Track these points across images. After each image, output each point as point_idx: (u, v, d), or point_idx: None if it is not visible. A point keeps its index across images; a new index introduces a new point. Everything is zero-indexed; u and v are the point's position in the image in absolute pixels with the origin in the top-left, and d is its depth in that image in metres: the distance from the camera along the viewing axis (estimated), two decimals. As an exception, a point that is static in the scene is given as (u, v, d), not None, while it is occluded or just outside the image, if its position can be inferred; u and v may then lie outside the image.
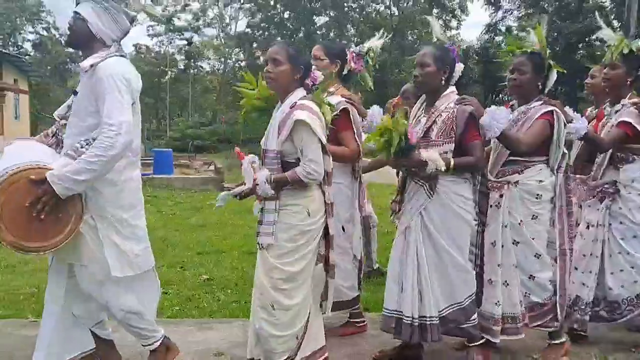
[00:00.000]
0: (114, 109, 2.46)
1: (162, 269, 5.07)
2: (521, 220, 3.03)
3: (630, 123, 3.31)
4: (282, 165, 2.71)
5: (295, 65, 2.73)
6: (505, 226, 3.03)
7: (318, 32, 30.09)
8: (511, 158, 3.05)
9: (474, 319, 2.97)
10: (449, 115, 2.88)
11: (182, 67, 41.15)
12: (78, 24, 2.62)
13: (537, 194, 3.03)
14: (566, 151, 3.15)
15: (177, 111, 44.43)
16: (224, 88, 36.67)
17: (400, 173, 3.24)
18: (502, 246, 3.03)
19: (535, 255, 3.06)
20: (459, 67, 3.03)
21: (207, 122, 35.55)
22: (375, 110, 3.24)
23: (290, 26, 30.64)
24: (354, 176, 3.46)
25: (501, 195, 3.03)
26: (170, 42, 39.98)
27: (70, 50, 33.92)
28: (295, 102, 2.70)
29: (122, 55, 2.64)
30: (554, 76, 3.16)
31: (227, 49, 38.81)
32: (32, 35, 32.27)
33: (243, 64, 35.72)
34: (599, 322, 3.49)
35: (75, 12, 2.61)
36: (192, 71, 41.27)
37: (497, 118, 2.82)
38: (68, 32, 2.70)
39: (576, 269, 3.40)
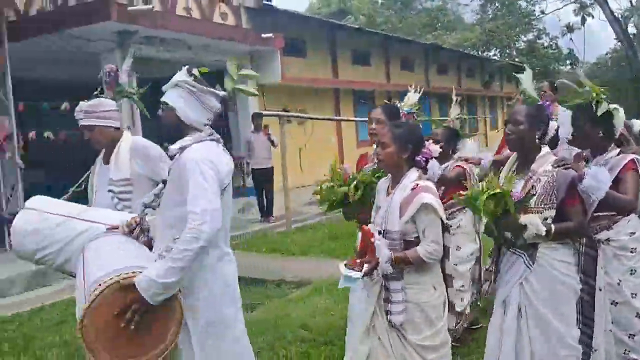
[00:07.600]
0: (197, 195, 2.23)
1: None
2: (620, 280, 2.97)
3: None
4: (403, 243, 2.70)
5: (402, 145, 2.74)
6: (600, 289, 2.92)
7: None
8: (596, 214, 2.93)
9: None
10: (548, 179, 2.67)
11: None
12: (167, 114, 2.45)
13: (632, 248, 2.98)
14: None
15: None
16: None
17: (493, 242, 2.93)
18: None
19: (636, 316, 2.97)
20: (552, 125, 2.89)
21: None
22: (431, 146, 3.29)
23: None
24: None
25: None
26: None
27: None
28: (418, 184, 2.70)
29: (214, 140, 2.47)
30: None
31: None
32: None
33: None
34: None
35: (163, 102, 2.45)
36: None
37: (601, 179, 2.77)
38: (161, 125, 2.47)
39: None
